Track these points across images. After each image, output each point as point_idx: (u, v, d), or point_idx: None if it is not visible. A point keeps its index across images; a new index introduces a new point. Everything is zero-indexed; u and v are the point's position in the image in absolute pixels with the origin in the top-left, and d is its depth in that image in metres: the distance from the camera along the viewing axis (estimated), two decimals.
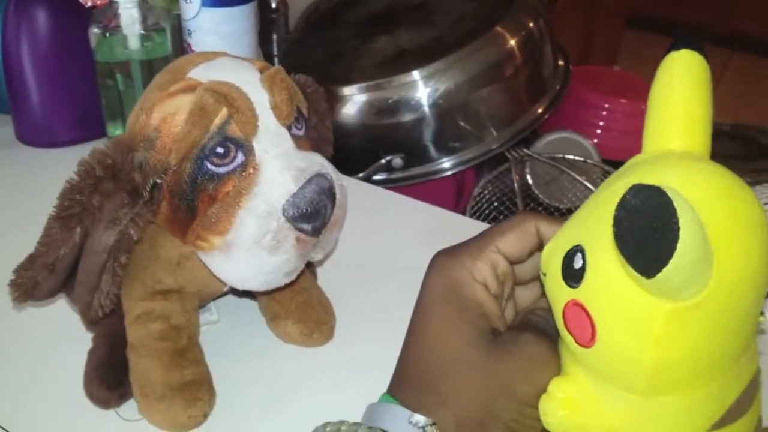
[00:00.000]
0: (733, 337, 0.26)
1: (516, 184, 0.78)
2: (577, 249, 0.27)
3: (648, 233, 0.22)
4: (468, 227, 0.65)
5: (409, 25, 0.86)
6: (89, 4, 0.89)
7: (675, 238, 0.22)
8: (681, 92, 0.29)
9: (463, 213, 0.80)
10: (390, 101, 0.77)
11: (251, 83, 0.40)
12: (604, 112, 0.90)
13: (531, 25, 0.81)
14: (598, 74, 1.01)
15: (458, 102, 0.78)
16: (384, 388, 0.33)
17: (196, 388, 0.43)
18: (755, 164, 0.93)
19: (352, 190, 0.69)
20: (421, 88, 0.77)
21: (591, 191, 0.76)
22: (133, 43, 0.66)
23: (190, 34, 0.69)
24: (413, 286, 0.55)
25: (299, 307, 0.49)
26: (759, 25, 3.26)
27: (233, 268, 0.40)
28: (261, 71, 0.41)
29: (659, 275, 0.23)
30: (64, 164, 0.38)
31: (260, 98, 0.39)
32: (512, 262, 0.34)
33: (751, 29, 3.29)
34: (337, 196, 0.41)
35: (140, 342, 0.43)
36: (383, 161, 0.78)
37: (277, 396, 0.46)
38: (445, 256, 0.34)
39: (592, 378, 0.29)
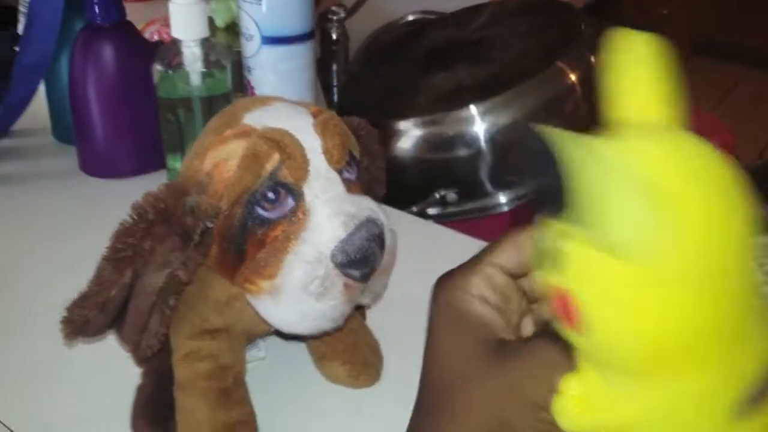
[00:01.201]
0: (729, 307, 0.24)
1: None
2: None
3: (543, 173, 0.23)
4: None
5: (467, 61, 0.85)
6: (155, 38, 0.92)
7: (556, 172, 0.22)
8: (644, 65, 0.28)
9: None
10: (445, 136, 0.77)
11: (304, 129, 0.40)
12: None
13: (592, 59, 0.80)
14: None
15: (516, 138, 0.77)
16: None
17: (241, 429, 0.43)
18: None
19: (405, 224, 0.69)
20: (478, 124, 0.76)
21: None
22: (195, 79, 0.67)
23: (250, 71, 0.70)
24: None
25: (347, 349, 0.49)
26: None
27: (280, 312, 0.40)
28: (314, 116, 0.41)
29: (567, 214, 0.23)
30: (124, 194, 0.39)
31: (312, 143, 0.39)
32: (513, 275, 0.33)
33: None
34: (387, 242, 0.40)
35: (187, 381, 0.43)
36: (437, 196, 0.77)
37: None
38: (440, 278, 0.34)
39: (601, 372, 0.27)
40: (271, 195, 0.38)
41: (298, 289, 0.38)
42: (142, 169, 0.73)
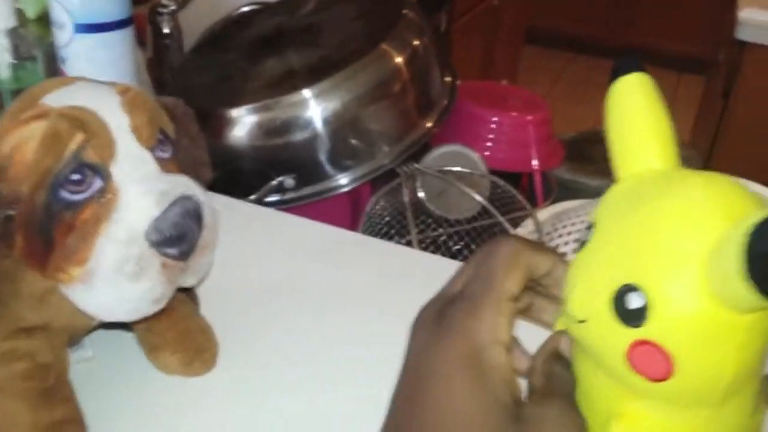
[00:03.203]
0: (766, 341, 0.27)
1: (407, 199, 0.78)
2: (628, 288, 0.27)
3: None
4: (359, 244, 0.65)
5: (297, 46, 0.86)
6: None
7: None
8: (647, 113, 0.30)
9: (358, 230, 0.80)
10: (279, 121, 0.77)
11: (110, 107, 0.38)
12: (493, 125, 0.92)
13: (416, 42, 0.83)
14: (487, 89, 1.03)
15: (348, 119, 0.78)
16: (272, 412, 0.31)
17: (66, 428, 0.41)
18: None
19: (242, 213, 0.68)
20: (310, 108, 0.77)
21: (479, 202, 0.77)
22: (3, 72, 0.63)
23: (63, 62, 0.67)
24: (303, 307, 0.55)
25: (178, 337, 0.47)
26: (651, 38, 3.42)
27: (96, 298, 0.38)
28: (121, 94, 0.40)
29: None
30: None
31: (120, 121, 0.38)
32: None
33: (644, 42, 3.45)
34: (206, 218, 0.40)
35: (4, 383, 0.41)
36: (275, 182, 0.77)
37: (157, 429, 0.44)
38: (464, 316, 0.31)
39: (657, 408, 0.28)
40: (75, 176, 0.36)
41: (111, 271, 0.37)
42: None
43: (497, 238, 0.34)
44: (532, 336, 0.36)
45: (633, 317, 0.26)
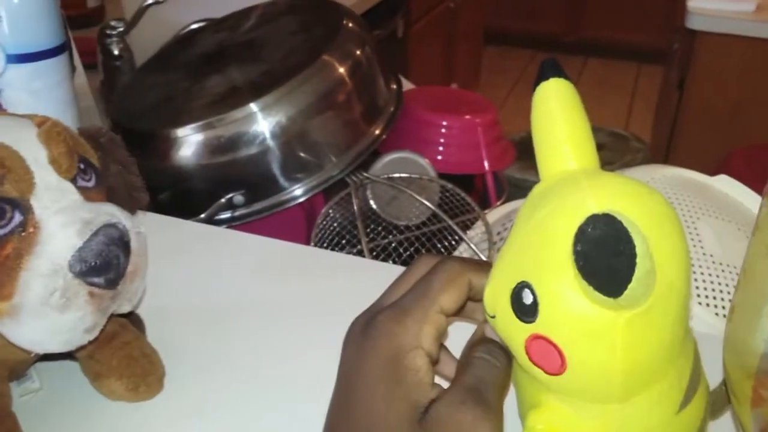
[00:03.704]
0: (679, 325, 0.28)
1: (356, 208, 0.79)
2: (523, 285, 0.28)
3: (613, 259, 0.24)
4: (306, 256, 0.65)
5: (239, 62, 0.86)
6: None
7: (634, 256, 0.24)
8: (562, 116, 0.31)
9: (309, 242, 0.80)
10: (224, 138, 0.77)
11: (27, 139, 0.38)
12: (443, 129, 0.93)
13: (358, 52, 0.83)
14: (436, 93, 1.04)
15: (294, 132, 0.78)
16: None
17: None
18: None
19: (189, 233, 0.68)
20: (255, 123, 0.77)
21: (429, 208, 0.78)
22: None
23: (0, 93, 0.66)
24: (250, 325, 0.55)
25: (121, 363, 0.47)
26: (608, 31, 3.47)
27: (26, 332, 0.38)
28: (38, 126, 0.40)
29: (625, 293, 0.24)
30: None
31: (37, 154, 0.38)
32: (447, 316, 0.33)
33: (601, 36, 3.49)
34: (133, 244, 0.40)
35: None
36: (223, 200, 0.77)
37: None
38: (390, 322, 0.32)
39: (566, 401, 0.29)
40: None
41: (38, 305, 0.37)
42: None
43: (441, 256, 0.35)
44: None
45: (526, 312, 0.28)
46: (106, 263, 0.38)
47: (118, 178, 0.48)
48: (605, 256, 0.24)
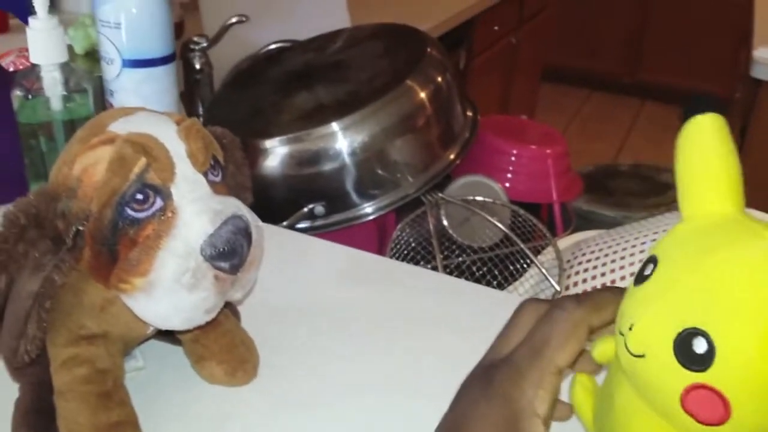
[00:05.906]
0: None
1: (431, 226, 0.82)
2: (695, 332, 0.27)
3: None
4: (386, 268, 0.68)
5: (326, 81, 0.90)
6: (11, 68, 0.91)
7: None
8: (717, 153, 0.30)
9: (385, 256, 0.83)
10: (309, 152, 0.81)
11: (168, 134, 0.42)
12: (513, 158, 0.96)
13: (439, 79, 0.87)
14: (508, 123, 1.07)
15: (375, 151, 0.82)
16: (307, 421, 0.33)
17: (123, 429, 0.44)
18: (651, 200, 1.01)
19: (276, 237, 0.72)
20: (339, 140, 0.81)
21: (500, 230, 0.80)
22: (56, 104, 0.68)
23: (111, 94, 0.72)
24: (334, 325, 0.59)
25: (223, 349, 0.51)
26: (667, 76, 3.46)
27: (155, 307, 0.42)
28: (177, 123, 0.44)
29: None
30: None
31: (177, 148, 0.42)
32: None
33: (659, 80, 3.49)
34: (254, 236, 0.44)
35: (66, 387, 0.44)
36: (305, 210, 0.81)
37: None
38: (507, 383, 0.32)
39: None
40: (139, 196, 0.40)
41: (170, 282, 0.40)
42: (6, 199, 0.72)
43: (561, 301, 0.34)
44: None
45: (697, 361, 0.27)
46: (232, 250, 0.41)
47: (232, 177, 0.52)
48: None
